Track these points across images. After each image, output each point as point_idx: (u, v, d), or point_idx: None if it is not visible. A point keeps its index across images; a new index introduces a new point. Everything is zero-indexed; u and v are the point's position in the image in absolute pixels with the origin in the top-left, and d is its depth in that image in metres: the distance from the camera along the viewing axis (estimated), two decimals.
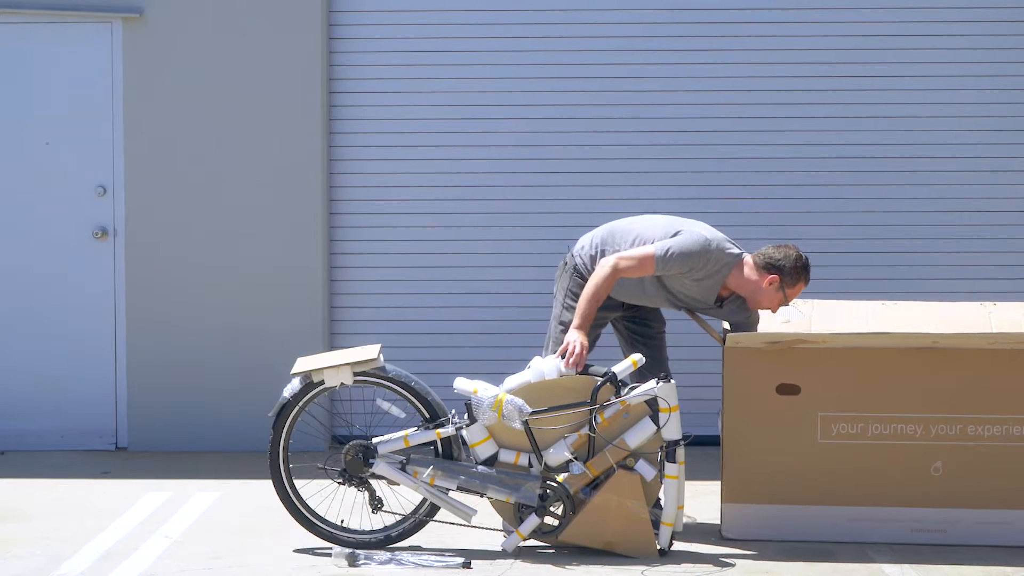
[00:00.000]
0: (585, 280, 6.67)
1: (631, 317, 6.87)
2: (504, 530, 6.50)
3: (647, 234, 6.62)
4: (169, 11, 8.57)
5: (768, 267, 6.59)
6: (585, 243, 6.80)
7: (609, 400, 6.36)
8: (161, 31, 8.56)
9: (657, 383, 6.34)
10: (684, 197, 8.64)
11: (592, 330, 6.60)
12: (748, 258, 6.64)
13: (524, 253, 8.70)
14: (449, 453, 6.46)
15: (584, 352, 6.41)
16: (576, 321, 6.50)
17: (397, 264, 8.78)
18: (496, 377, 6.52)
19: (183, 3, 8.57)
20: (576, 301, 6.65)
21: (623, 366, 6.40)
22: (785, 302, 6.64)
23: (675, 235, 6.55)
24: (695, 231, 6.57)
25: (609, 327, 6.92)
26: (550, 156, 8.76)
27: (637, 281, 6.63)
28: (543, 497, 6.32)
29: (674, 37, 8.70)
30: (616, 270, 6.51)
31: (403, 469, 6.41)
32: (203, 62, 8.58)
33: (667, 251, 6.47)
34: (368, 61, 8.73)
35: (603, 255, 6.65)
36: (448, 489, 6.40)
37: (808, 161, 8.71)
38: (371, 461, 6.42)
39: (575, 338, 6.43)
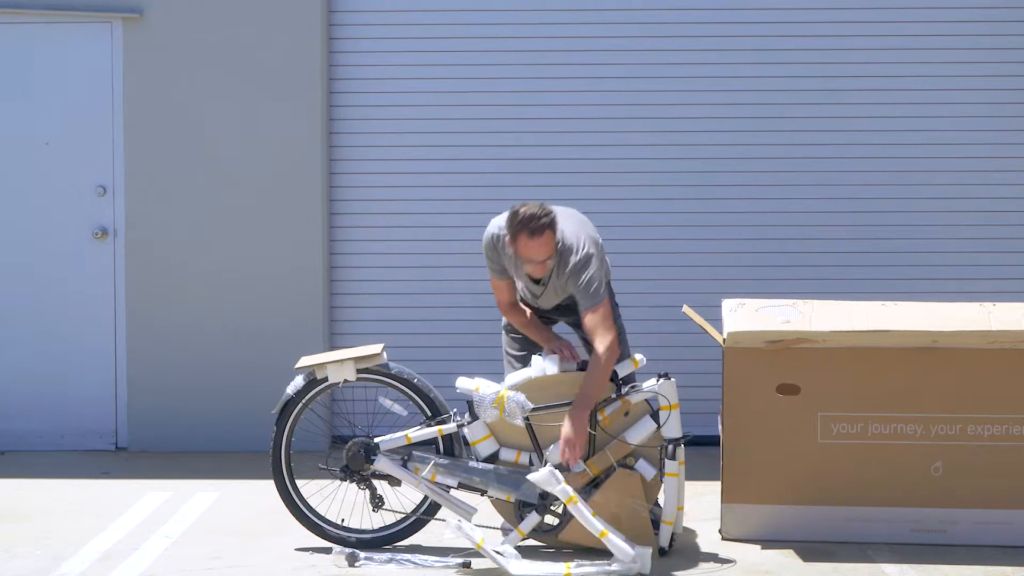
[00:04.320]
0: (507, 333, 6.83)
1: (576, 323, 6.79)
2: (504, 529, 6.50)
3: None
4: (169, 11, 8.57)
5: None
6: None
7: (610, 397, 6.37)
8: (161, 31, 8.57)
9: (658, 381, 6.35)
10: (684, 197, 8.66)
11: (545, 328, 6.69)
12: None
13: None
14: (451, 451, 6.47)
15: (571, 347, 6.49)
16: (539, 342, 6.60)
17: (397, 264, 8.78)
18: (496, 377, 6.54)
19: (183, 3, 8.57)
20: (510, 361, 6.78)
21: (624, 365, 6.42)
22: (522, 261, 6.35)
23: None
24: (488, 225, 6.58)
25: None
26: (550, 156, 8.76)
27: (525, 300, 6.70)
28: (543, 495, 6.33)
29: (674, 37, 8.70)
30: (498, 306, 6.70)
31: (404, 466, 6.41)
32: (203, 62, 8.58)
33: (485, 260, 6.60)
34: (368, 61, 8.73)
35: None
36: (449, 487, 6.41)
37: (808, 161, 8.72)
38: (372, 458, 6.42)
39: (552, 345, 6.52)
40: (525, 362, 6.68)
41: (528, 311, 6.72)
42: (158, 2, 8.56)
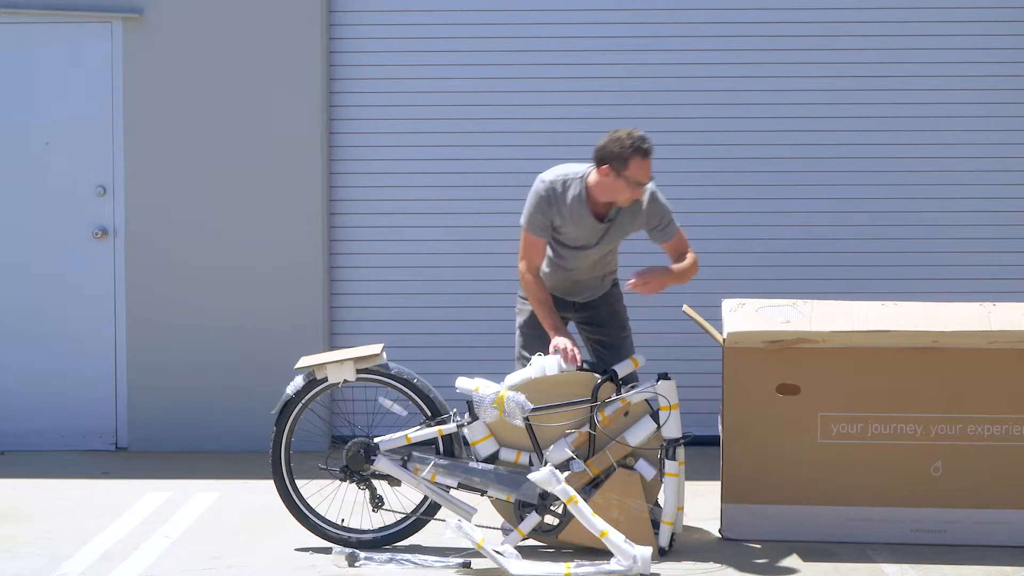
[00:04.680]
0: (523, 335, 6.84)
1: (588, 321, 6.84)
2: (504, 529, 6.50)
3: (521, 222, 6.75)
4: (169, 11, 8.57)
5: (599, 161, 6.53)
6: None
7: (610, 398, 6.37)
8: (161, 31, 8.57)
9: (657, 381, 6.35)
10: (684, 197, 8.63)
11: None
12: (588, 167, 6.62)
13: None
14: (450, 451, 6.47)
15: (575, 347, 6.45)
16: (548, 330, 6.59)
17: (397, 264, 8.78)
18: (496, 377, 6.53)
19: (183, 3, 8.57)
20: (523, 303, 6.82)
21: (624, 365, 6.42)
22: (630, 186, 6.47)
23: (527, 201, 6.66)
24: (535, 183, 6.64)
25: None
26: (550, 156, 8.71)
27: (553, 266, 6.71)
28: (543, 495, 6.33)
29: (674, 37, 8.71)
30: (522, 272, 6.70)
31: (404, 466, 6.41)
32: (203, 62, 8.58)
33: (524, 215, 6.63)
34: (368, 61, 8.73)
35: None
36: (449, 487, 6.41)
37: (808, 161, 8.72)
38: (372, 458, 6.42)
39: (559, 337, 6.51)
40: None
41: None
42: (158, 2, 8.56)
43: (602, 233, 6.62)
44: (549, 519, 6.43)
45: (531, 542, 6.43)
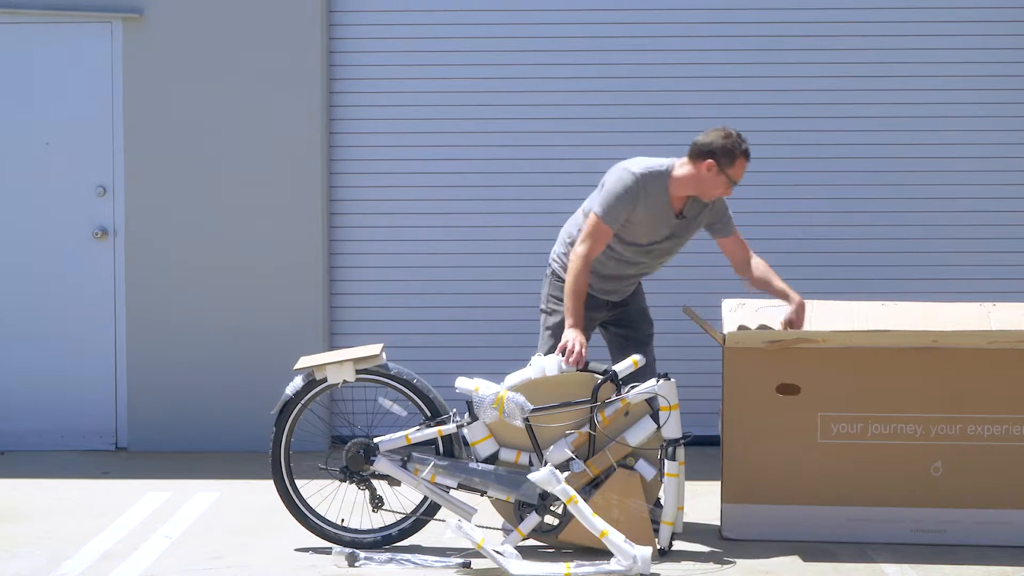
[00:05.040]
0: (563, 281, 6.71)
1: (617, 320, 6.87)
2: (504, 529, 6.50)
3: (586, 205, 6.73)
4: (169, 11, 8.57)
5: (701, 155, 6.61)
6: (556, 246, 6.87)
7: (610, 398, 6.37)
8: (161, 31, 8.57)
9: (657, 381, 6.35)
10: None
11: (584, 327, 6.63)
12: (678, 160, 6.67)
13: (524, 253, 8.70)
14: (450, 451, 6.47)
15: (583, 349, 6.43)
16: (569, 320, 6.52)
17: (397, 264, 8.78)
18: (496, 377, 6.53)
19: (183, 3, 8.57)
20: (557, 304, 6.71)
21: (624, 365, 6.42)
22: (731, 184, 6.64)
23: (602, 187, 6.62)
24: (616, 170, 6.64)
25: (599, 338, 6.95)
26: (550, 156, 8.76)
27: (612, 257, 6.66)
28: (543, 496, 6.33)
29: (674, 37, 8.71)
30: (580, 256, 6.57)
31: (404, 467, 6.41)
32: (203, 62, 8.58)
33: (604, 205, 6.56)
34: (368, 61, 8.73)
35: (571, 247, 6.71)
36: (449, 487, 6.41)
37: (808, 161, 8.72)
38: (372, 458, 6.42)
39: (572, 336, 6.45)
40: None
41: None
42: (158, 2, 8.56)
43: (675, 228, 6.67)
44: (549, 519, 6.43)
45: (531, 542, 6.43)
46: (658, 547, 6.35)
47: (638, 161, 6.67)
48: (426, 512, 6.50)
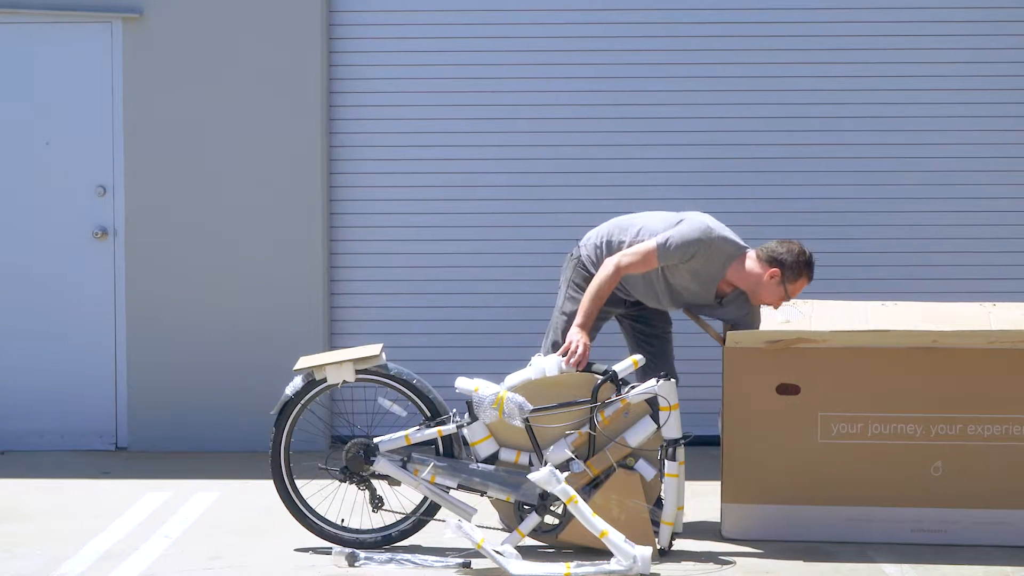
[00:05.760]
0: (588, 272, 6.70)
1: (635, 316, 6.88)
2: (504, 529, 6.50)
3: (650, 227, 6.65)
4: (169, 11, 8.57)
5: (771, 260, 6.61)
6: (592, 235, 6.83)
7: (610, 398, 6.36)
8: (161, 31, 8.57)
9: (657, 381, 6.35)
10: (684, 197, 8.63)
11: (595, 322, 6.61)
12: (751, 252, 6.65)
13: (524, 253, 8.71)
14: (450, 452, 6.46)
15: (586, 351, 6.42)
16: (579, 319, 6.51)
17: (397, 264, 8.78)
18: (496, 377, 6.53)
19: (183, 3, 8.57)
20: (579, 292, 6.68)
21: (624, 365, 6.41)
22: (787, 297, 6.65)
23: (677, 224, 6.57)
24: (697, 219, 6.60)
25: (615, 325, 6.93)
26: (550, 156, 8.76)
27: (644, 278, 6.63)
28: (543, 496, 6.33)
29: (674, 37, 8.71)
30: (619, 268, 6.53)
31: (404, 467, 6.41)
32: (203, 62, 8.58)
33: (667, 240, 6.50)
34: (368, 61, 8.73)
35: (608, 247, 6.67)
36: (448, 487, 6.41)
37: (807, 161, 8.72)
38: (372, 459, 6.42)
39: (577, 337, 6.44)
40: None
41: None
42: (158, 2, 8.56)
43: (705, 300, 6.68)
44: (549, 519, 6.42)
45: (531, 542, 6.43)
46: (658, 547, 6.35)
47: (721, 227, 6.66)
48: (426, 512, 6.50)
